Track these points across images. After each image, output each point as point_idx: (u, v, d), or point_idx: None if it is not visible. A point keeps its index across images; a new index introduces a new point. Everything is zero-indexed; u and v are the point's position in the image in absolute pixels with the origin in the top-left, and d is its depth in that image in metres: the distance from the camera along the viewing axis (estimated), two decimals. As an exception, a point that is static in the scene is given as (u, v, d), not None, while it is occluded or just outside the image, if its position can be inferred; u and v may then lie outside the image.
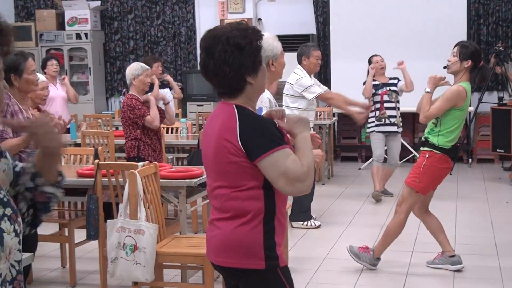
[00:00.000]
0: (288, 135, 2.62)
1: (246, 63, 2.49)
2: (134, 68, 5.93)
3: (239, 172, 2.50)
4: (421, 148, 5.21)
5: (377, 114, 7.99)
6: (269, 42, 3.71)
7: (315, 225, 6.80)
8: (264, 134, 2.48)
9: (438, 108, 5.06)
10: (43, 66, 8.25)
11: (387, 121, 7.99)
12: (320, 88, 6.71)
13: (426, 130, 5.21)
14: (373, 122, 8.03)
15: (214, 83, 2.57)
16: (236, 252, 2.54)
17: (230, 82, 2.52)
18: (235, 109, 2.52)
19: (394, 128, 8.03)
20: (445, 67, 5.24)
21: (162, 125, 6.39)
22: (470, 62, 5.14)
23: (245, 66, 2.50)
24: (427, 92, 5.15)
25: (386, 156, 8.27)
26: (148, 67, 6.08)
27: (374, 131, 8.04)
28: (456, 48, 5.18)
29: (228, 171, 2.52)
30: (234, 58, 2.48)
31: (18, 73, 4.38)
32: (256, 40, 2.53)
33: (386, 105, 7.98)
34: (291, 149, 2.52)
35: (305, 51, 6.79)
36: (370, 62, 8.12)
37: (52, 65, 8.20)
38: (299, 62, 6.79)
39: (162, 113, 6.04)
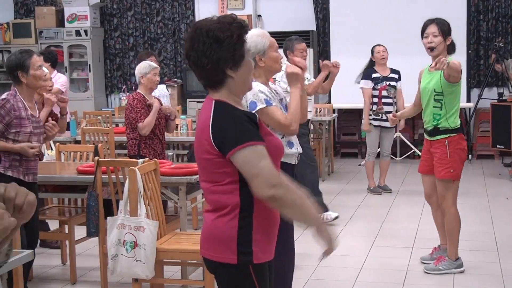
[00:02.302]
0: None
1: (224, 56, 2.49)
2: (142, 67, 5.94)
3: (215, 168, 2.52)
4: (434, 138, 5.00)
5: (374, 108, 7.99)
6: (253, 38, 3.70)
7: (332, 217, 6.69)
8: (234, 128, 2.47)
9: (459, 69, 4.82)
10: None
11: (384, 117, 7.99)
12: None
13: (429, 119, 5.01)
14: (370, 115, 8.04)
15: (196, 74, 2.59)
16: (212, 244, 2.58)
17: (209, 74, 2.53)
18: (213, 105, 2.54)
19: (388, 124, 8.03)
20: (432, 49, 4.93)
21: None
22: (450, 37, 4.95)
23: (223, 59, 2.49)
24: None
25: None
26: (156, 65, 6.07)
27: (372, 124, 8.04)
28: (433, 27, 4.93)
29: (206, 167, 2.56)
30: (212, 50, 2.47)
31: (25, 69, 4.44)
32: (237, 34, 2.51)
33: (384, 100, 7.98)
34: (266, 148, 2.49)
35: (289, 45, 6.76)
36: (372, 52, 8.11)
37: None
38: (286, 57, 6.80)
39: (164, 122, 6.08)
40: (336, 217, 6.75)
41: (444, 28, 4.95)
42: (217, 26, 2.49)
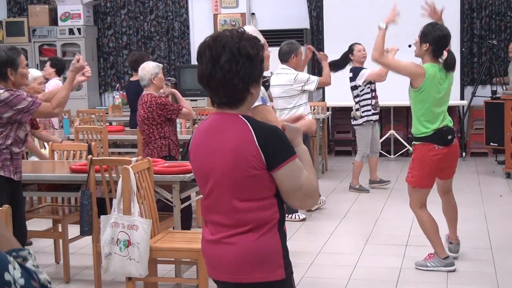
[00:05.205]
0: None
1: (254, 74, 2.44)
2: (152, 67, 5.92)
3: (258, 184, 2.44)
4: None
5: (373, 103, 7.97)
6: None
7: (299, 218, 6.82)
8: (281, 143, 2.44)
9: (396, 63, 5.13)
10: None
11: (377, 109, 8.07)
12: (314, 76, 6.95)
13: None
14: (370, 110, 7.97)
15: (218, 93, 2.46)
16: (258, 266, 2.47)
17: (237, 93, 2.44)
18: (245, 119, 2.45)
19: (376, 117, 8.13)
20: (409, 46, 5.23)
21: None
22: (428, 45, 5.08)
23: (252, 78, 2.44)
24: (381, 28, 5.16)
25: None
26: (161, 64, 6.13)
27: (372, 120, 8.02)
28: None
29: (248, 184, 2.44)
30: (245, 69, 2.40)
31: (14, 67, 4.39)
32: (262, 50, 2.48)
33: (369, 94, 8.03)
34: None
35: (293, 49, 6.80)
36: (351, 50, 8.05)
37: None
38: (286, 60, 6.79)
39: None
40: (303, 219, 6.84)
41: (423, 33, 5.27)
42: (246, 44, 2.41)
